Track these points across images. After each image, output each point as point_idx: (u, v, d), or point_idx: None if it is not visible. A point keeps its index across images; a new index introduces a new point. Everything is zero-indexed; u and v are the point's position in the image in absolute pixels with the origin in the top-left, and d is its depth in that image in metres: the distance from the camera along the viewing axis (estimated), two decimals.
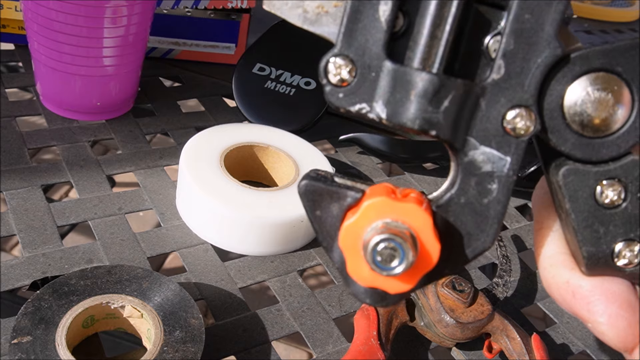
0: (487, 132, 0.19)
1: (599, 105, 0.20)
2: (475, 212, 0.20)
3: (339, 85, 0.19)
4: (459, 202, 0.20)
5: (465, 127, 0.19)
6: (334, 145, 0.62)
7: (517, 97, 0.19)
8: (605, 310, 0.20)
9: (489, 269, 0.52)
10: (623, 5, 1.16)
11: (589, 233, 0.21)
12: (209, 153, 0.48)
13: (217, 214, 0.44)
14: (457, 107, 0.19)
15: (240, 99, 0.59)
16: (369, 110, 0.19)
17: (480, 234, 0.20)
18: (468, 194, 0.20)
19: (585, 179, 0.20)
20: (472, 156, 0.20)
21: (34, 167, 0.49)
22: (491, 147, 0.20)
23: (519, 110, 0.19)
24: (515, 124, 0.19)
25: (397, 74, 0.19)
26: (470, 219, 0.20)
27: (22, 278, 0.40)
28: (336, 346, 0.40)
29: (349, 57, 0.19)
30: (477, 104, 0.19)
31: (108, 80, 0.54)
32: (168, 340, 0.35)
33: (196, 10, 0.66)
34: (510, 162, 0.20)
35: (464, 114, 0.19)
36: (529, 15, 0.19)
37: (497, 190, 0.20)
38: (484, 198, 0.20)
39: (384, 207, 0.19)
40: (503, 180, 0.20)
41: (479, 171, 0.20)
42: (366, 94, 0.19)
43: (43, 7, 0.48)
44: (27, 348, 0.33)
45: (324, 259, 0.47)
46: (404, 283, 0.19)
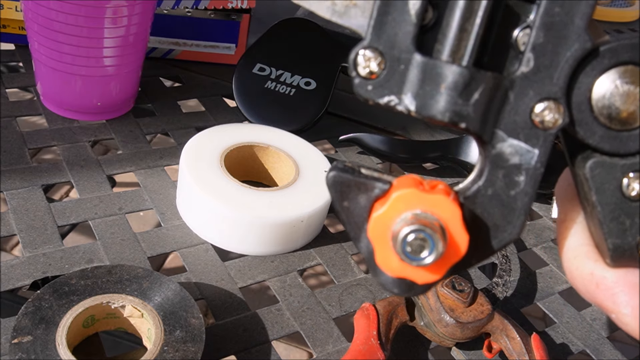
0: (516, 124, 0.20)
1: (627, 98, 0.20)
2: (503, 203, 0.20)
3: (367, 78, 0.20)
4: (487, 194, 0.20)
5: (494, 120, 0.20)
6: (334, 145, 0.62)
7: (545, 90, 0.19)
8: (629, 302, 0.20)
9: (489, 269, 0.52)
10: (623, 5, 1.16)
11: (615, 225, 0.21)
12: (209, 153, 0.48)
13: (218, 214, 0.44)
14: (486, 99, 0.19)
15: (240, 99, 0.59)
16: (398, 102, 0.19)
17: (507, 225, 0.20)
18: (495, 185, 0.20)
19: (612, 172, 0.20)
20: (500, 148, 0.20)
21: (34, 167, 0.49)
22: (519, 139, 0.20)
23: (547, 103, 0.19)
24: (544, 116, 0.19)
25: (426, 66, 0.19)
26: (497, 211, 0.20)
27: (23, 278, 0.40)
28: (336, 346, 0.40)
29: (378, 49, 0.19)
30: (505, 96, 0.19)
31: (108, 80, 0.54)
32: (168, 340, 0.35)
33: (196, 10, 0.66)
34: (538, 155, 0.20)
35: (493, 107, 0.19)
36: (559, 8, 0.19)
37: (524, 182, 0.20)
38: (511, 190, 0.20)
39: (413, 199, 0.19)
40: (530, 173, 0.20)
41: (506, 163, 0.20)
42: (395, 86, 0.19)
43: (43, 7, 0.48)
44: (28, 348, 0.33)
45: (324, 259, 0.47)
46: (433, 273, 0.19)
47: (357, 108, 0.70)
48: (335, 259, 0.47)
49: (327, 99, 0.59)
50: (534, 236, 0.55)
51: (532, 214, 0.60)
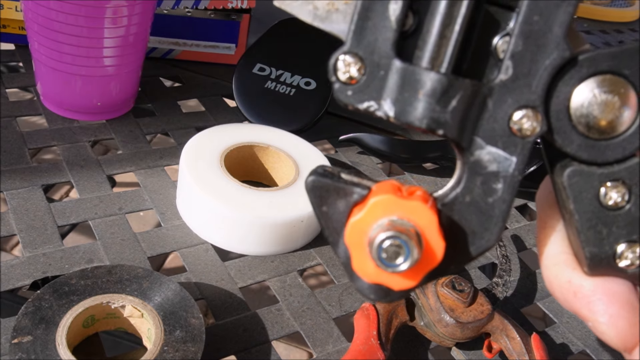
0: (494, 132, 0.20)
1: (605, 108, 0.20)
2: (480, 210, 0.20)
3: (347, 83, 0.19)
4: (464, 201, 0.20)
5: (472, 127, 0.20)
6: (334, 145, 0.62)
7: (524, 98, 0.19)
8: (606, 310, 0.20)
9: (489, 269, 0.52)
10: (623, 5, 1.16)
11: (592, 234, 0.21)
12: (209, 153, 0.48)
13: (218, 214, 0.44)
14: (464, 107, 0.19)
15: (240, 99, 0.59)
16: (377, 108, 0.19)
17: (484, 233, 0.20)
18: (473, 192, 0.20)
19: (590, 181, 0.20)
20: (479, 156, 0.20)
21: (34, 167, 0.49)
22: (497, 147, 0.20)
23: (525, 111, 0.19)
24: (522, 124, 0.20)
25: (405, 72, 0.19)
26: (474, 218, 0.20)
27: (23, 278, 0.40)
28: (336, 346, 0.40)
29: (358, 55, 0.19)
30: (484, 104, 0.20)
31: (108, 80, 0.54)
32: (168, 340, 0.35)
33: (196, 10, 0.66)
34: (515, 162, 0.20)
35: (471, 114, 0.19)
36: (537, 16, 0.19)
37: (502, 189, 0.20)
38: (489, 197, 0.20)
39: (390, 205, 0.19)
40: (508, 180, 0.20)
41: (484, 170, 0.20)
42: (375, 92, 0.19)
43: (43, 7, 0.48)
44: (28, 348, 0.33)
45: (324, 259, 0.47)
46: (408, 280, 0.19)
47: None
48: (335, 259, 0.47)
49: (327, 99, 0.59)
50: (534, 236, 0.55)
51: (532, 213, 0.60)
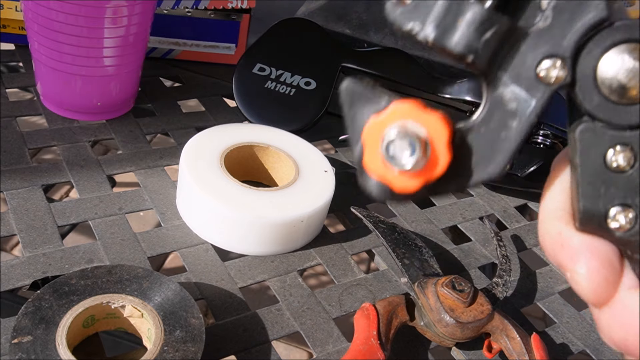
0: (520, 73, 0.21)
1: (631, 75, 0.20)
2: (492, 142, 0.21)
3: (399, 3, 0.21)
4: (479, 130, 0.21)
5: (501, 64, 0.21)
6: (334, 145, 0.62)
7: (555, 48, 0.20)
8: (586, 263, 0.21)
9: (489, 269, 0.52)
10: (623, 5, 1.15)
11: (590, 189, 0.21)
12: (209, 153, 0.48)
13: (218, 214, 0.44)
14: (498, 41, 0.20)
15: (240, 99, 0.59)
16: (419, 30, 0.21)
17: (489, 163, 0.21)
18: (489, 125, 0.21)
19: (600, 140, 0.21)
20: (501, 92, 0.21)
21: (34, 167, 0.49)
22: (521, 87, 0.21)
23: (554, 60, 0.20)
24: (548, 71, 0.21)
25: (452, 1, 0.20)
26: (484, 148, 0.21)
27: (23, 278, 0.40)
28: (336, 346, 0.40)
29: None
30: (517, 45, 0.21)
31: (108, 80, 0.54)
32: (168, 340, 0.35)
33: (196, 10, 0.66)
34: (534, 106, 0.21)
35: (503, 51, 0.21)
36: None
37: (516, 128, 0.21)
38: (502, 132, 0.21)
39: (409, 112, 0.21)
40: (524, 120, 0.21)
41: (504, 107, 0.21)
42: (421, 15, 0.21)
43: (43, 7, 0.48)
44: (28, 348, 0.33)
45: (324, 259, 0.47)
46: (410, 182, 0.21)
47: None
48: (335, 259, 0.47)
49: (327, 99, 0.59)
50: (534, 236, 0.55)
51: (532, 213, 0.60)
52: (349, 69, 0.61)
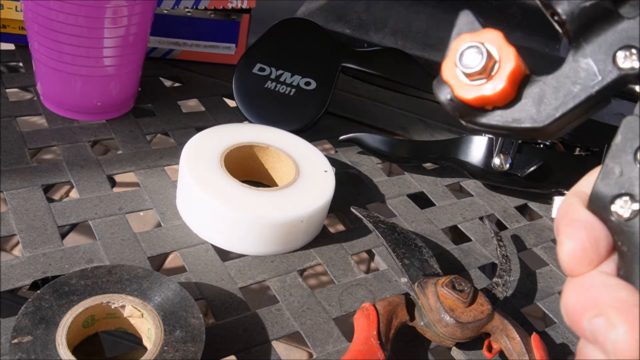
0: (600, 51, 0.23)
1: None
2: (551, 96, 0.23)
3: None
4: (548, 82, 0.23)
5: (589, 36, 0.23)
6: (334, 145, 0.62)
7: (636, 42, 0.22)
8: (577, 233, 0.22)
9: (489, 269, 0.52)
10: None
11: (610, 172, 0.22)
12: (209, 153, 0.48)
13: (218, 214, 0.44)
14: (592, 16, 0.23)
15: (240, 99, 0.59)
16: None
17: (540, 112, 0.23)
18: (557, 83, 0.23)
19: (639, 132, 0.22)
20: (579, 59, 0.23)
21: (34, 167, 0.49)
22: (596, 62, 0.23)
23: (635, 51, 0.22)
24: (625, 59, 0.22)
25: None
26: (544, 96, 0.23)
27: (23, 278, 0.40)
28: (336, 346, 0.40)
29: None
30: (607, 27, 0.22)
31: (108, 80, 0.54)
32: (168, 339, 0.35)
33: (196, 10, 0.66)
34: (598, 82, 0.22)
35: (595, 26, 0.23)
36: None
37: (576, 95, 0.23)
38: (563, 93, 0.23)
39: (493, 38, 0.23)
40: (585, 90, 0.23)
41: (575, 74, 0.23)
42: None
43: (43, 7, 0.48)
44: (28, 348, 0.33)
45: (324, 259, 0.47)
46: (467, 90, 0.23)
47: (357, 108, 0.70)
48: (335, 259, 0.47)
49: (327, 99, 0.59)
50: (534, 236, 0.55)
51: (532, 213, 0.60)
52: (349, 68, 0.61)
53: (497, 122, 0.23)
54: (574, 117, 0.23)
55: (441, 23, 0.68)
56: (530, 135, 0.24)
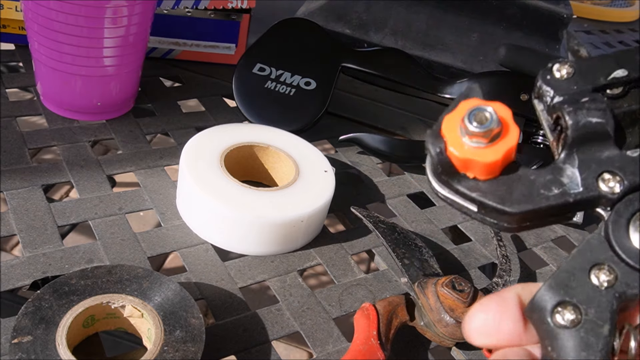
0: (589, 167, 0.23)
1: None
2: (532, 189, 0.23)
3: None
4: (531, 174, 0.23)
5: (583, 149, 0.23)
6: (334, 145, 0.62)
7: (624, 173, 0.23)
8: (492, 315, 0.24)
9: (489, 269, 0.52)
10: (623, 5, 1.16)
11: (560, 278, 0.23)
12: (209, 153, 0.48)
13: (218, 214, 0.44)
14: (593, 133, 0.24)
15: (240, 99, 0.59)
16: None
17: (514, 199, 0.23)
18: (540, 179, 0.23)
19: (599, 253, 0.23)
20: (566, 165, 0.24)
21: (34, 167, 0.49)
22: (580, 175, 0.23)
23: (618, 177, 0.23)
24: (608, 181, 0.23)
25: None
26: (525, 187, 0.23)
27: (23, 278, 0.40)
28: (336, 346, 0.40)
29: None
30: (602, 147, 0.24)
31: (108, 80, 0.54)
32: (168, 339, 0.35)
33: (196, 10, 0.66)
34: (578, 192, 0.23)
35: (593, 143, 0.24)
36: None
37: (554, 195, 0.23)
38: (543, 189, 0.23)
39: (508, 112, 0.23)
40: (563, 195, 0.23)
41: (559, 175, 0.23)
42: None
43: (43, 7, 0.48)
44: (28, 348, 0.33)
45: (324, 259, 0.47)
46: (492, 154, 0.23)
47: (357, 108, 0.70)
48: (335, 259, 0.47)
49: (327, 99, 0.59)
50: (534, 236, 0.55)
51: None
52: (349, 69, 0.61)
53: (472, 192, 0.23)
54: (543, 216, 0.23)
55: (441, 23, 0.68)
56: (495, 217, 0.24)
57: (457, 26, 0.68)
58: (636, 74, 0.25)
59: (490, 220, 0.24)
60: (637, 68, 0.25)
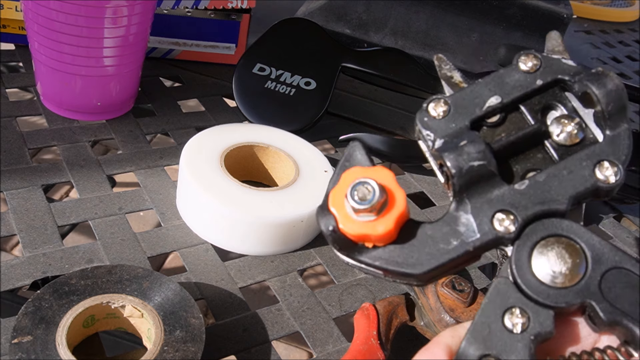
0: (481, 210, 0.24)
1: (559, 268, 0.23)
2: (432, 247, 0.23)
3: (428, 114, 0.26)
4: (428, 231, 0.24)
5: (472, 194, 0.24)
6: (334, 145, 0.62)
7: (517, 210, 0.24)
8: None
9: (489, 269, 0.52)
10: (623, 5, 1.16)
11: (477, 330, 0.23)
12: (209, 153, 0.48)
13: (218, 214, 0.44)
14: (478, 176, 0.24)
15: (240, 99, 0.59)
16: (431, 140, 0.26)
17: (417, 259, 0.23)
18: (437, 234, 0.24)
19: (508, 298, 0.23)
20: (460, 216, 0.24)
21: (34, 167, 0.49)
22: (475, 220, 0.23)
23: (511, 216, 0.23)
24: (502, 222, 0.23)
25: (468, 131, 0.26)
26: (426, 246, 0.23)
27: (23, 278, 0.40)
28: (336, 346, 0.40)
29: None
30: (491, 189, 0.24)
31: (108, 80, 0.54)
32: (168, 339, 0.35)
33: (196, 10, 0.66)
34: (476, 239, 0.23)
35: (480, 185, 0.24)
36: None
37: (453, 247, 0.23)
38: (441, 244, 0.23)
39: (358, 172, 0.24)
40: (462, 245, 0.23)
41: (455, 225, 0.24)
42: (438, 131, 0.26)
43: (43, 7, 0.48)
44: (28, 348, 0.33)
45: (324, 259, 0.47)
46: (383, 226, 0.23)
47: (357, 108, 0.70)
48: (335, 259, 0.47)
49: (327, 99, 0.59)
50: None
51: None
52: (349, 68, 0.61)
53: (374, 261, 0.23)
54: (449, 268, 0.24)
55: (441, 23, 0.68)
56: (405, 279, 0.24)
57: (457, 26, 0.68)
58: (508, 99, 0.25)
59: (400, 281, 0.24)
60: (508, 93, 0.25)
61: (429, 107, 0.25)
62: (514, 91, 0.25)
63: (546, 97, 0.26)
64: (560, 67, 0.26)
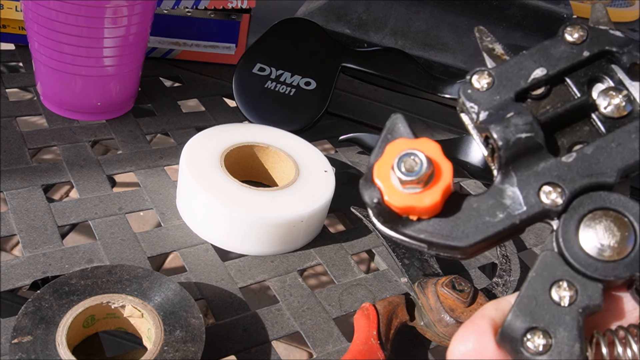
0: (527, 182, 0.23)
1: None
2: (478, 220, 0.23)
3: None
4: (474, 203, 0.23)
5: (518, 166, 0.23)
6: (334, 145, 0.62)
7: (563, 182, 0.23)
8: (472, 344, 0.24)
9: (489, 269, 0.52)
10: (623, 5, 1.16)
11: (524, 303, 0.23)
12: (209, 153, 0.48)
13: (218, 214, 0.44)
14: (525, 148, 0.23)
15: (240, 99, 0.59)
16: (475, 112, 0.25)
17: (463, 232, 0.23)
18: (482, 205, 0.23)
19: (557, 270, 0.23)
20: (506, 186, 0.23)
21: (34, 167, 0.49)
22: (522, 193, 0.23)
23: (559, 189, 0.23)
24: (549, 195, 0.23)
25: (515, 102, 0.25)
26: (471, 219, 0.23)
27: (23, 278, 0.40)
28: (336, 346, 0.40)
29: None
30: (538, 161, 0.23)
31: (108, 80, 0.54)
32: (168, 339, 0.35)
33: (196, 10, 0.66)
34: (522, 212, 0.23)
35: (527, 158, 0.23)
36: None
37: (499, 220, 0.23)
38: (487, 216, 0.23)
39: (402, 144, 0.23)
40: (509, 218, 0.23)
41: (501, 198, 0.23)
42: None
43: (43, 7, 0.48)
44: (28, 348, 0.33)
45: (324, 259, 0.47)
46: (399, 199, 0.22)
47: (357, 108, 0.70)
48: (335, 259, 0.47)
49: (327, 99, 0.59)
50: (534, 236, 0.55)
51: None
52: (349, 68, 0.61)
53: (419, 233, 0.23)
54: (494, 241, 0.23)
55: (441, 23, 0.68)
56: (447, 252, 0.23)
57: (457, 26, 0.68)
58: (554, 71, 0.25)
59: (443, 255, 0.24)
60: (554, 64, 0.25)
61: (472, 79, 0.25)
62: (559, 63, 0.25)
63: (592, 69, 0.25)
64: (608, 39, 0.25)
